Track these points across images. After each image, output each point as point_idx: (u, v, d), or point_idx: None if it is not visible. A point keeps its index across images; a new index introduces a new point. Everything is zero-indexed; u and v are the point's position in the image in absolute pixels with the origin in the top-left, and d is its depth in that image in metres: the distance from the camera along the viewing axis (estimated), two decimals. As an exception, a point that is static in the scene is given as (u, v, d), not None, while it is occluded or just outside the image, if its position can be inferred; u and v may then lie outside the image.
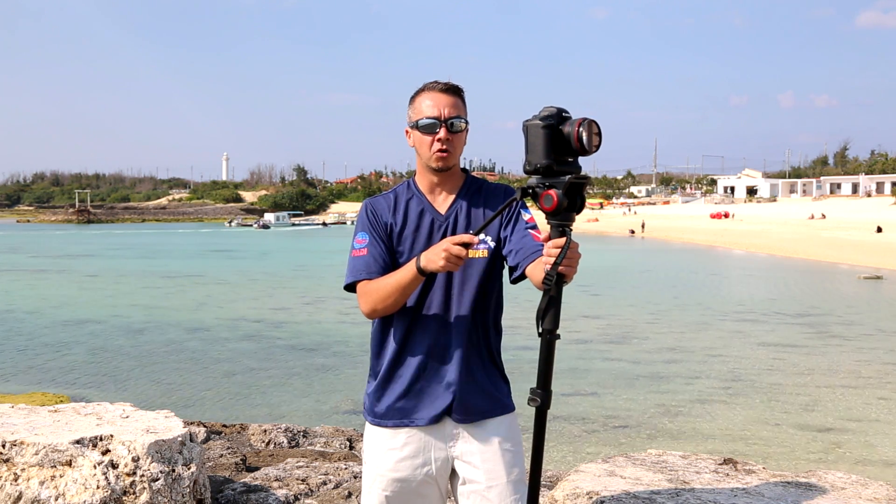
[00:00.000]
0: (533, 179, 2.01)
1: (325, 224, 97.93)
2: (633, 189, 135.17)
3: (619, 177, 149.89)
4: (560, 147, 1.96)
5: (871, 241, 42.34)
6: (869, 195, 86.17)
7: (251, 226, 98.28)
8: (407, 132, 2.34)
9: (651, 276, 30.86)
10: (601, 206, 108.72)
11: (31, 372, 13.35)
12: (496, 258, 2.32)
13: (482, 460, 2.28)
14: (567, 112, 1.99)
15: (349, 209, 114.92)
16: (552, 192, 1.96)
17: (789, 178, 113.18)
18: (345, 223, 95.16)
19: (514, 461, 2.30)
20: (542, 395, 2.06)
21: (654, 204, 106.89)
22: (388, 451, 2.31)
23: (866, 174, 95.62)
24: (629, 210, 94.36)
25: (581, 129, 1.92)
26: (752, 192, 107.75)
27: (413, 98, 2.32)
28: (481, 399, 2.30)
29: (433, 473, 2.30)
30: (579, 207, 2.01)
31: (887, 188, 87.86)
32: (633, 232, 64.64)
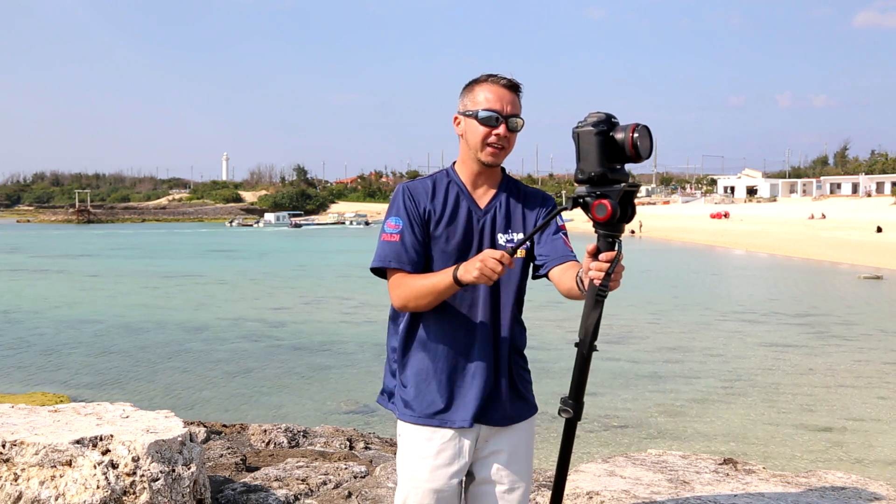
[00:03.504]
0: (582, 188, 1.95)
1: (367, 223, 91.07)
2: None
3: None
4: (613, 154, 1.92)
5: (871, 241, 42.32)
6: (869, 195, 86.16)
7: (251, 225, 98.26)
8: (457, 119, 2.27)
9: (651, 276, 30.85)
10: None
11: (31, 372, 13.35)
12: (530, 258, 2.31)
13: (508, 461, 2.25)
14: (615, 117, 1.95)
15: (349, 209, 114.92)
16: (606, 201, 1.90)
17: (789, 178, 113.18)
18: (343, 223, 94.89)
19: (531, 464, 2.32)
20: (575, 407, 2.05)
21: (654, 204, 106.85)
22: (422, 460, 2.23)
23: (866, 174, 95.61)
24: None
25: (636, 134, 1.88)
26: (752, 192, 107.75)
27: (471, 86, 2.25)
28: (516, 401, 2.28)
29: (463, 479, 2.27)
30: (630, 217, 1.96)
31: (887, 188, 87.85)
32: (633, 232, 64.65)
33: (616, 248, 1.93)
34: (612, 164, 1.92)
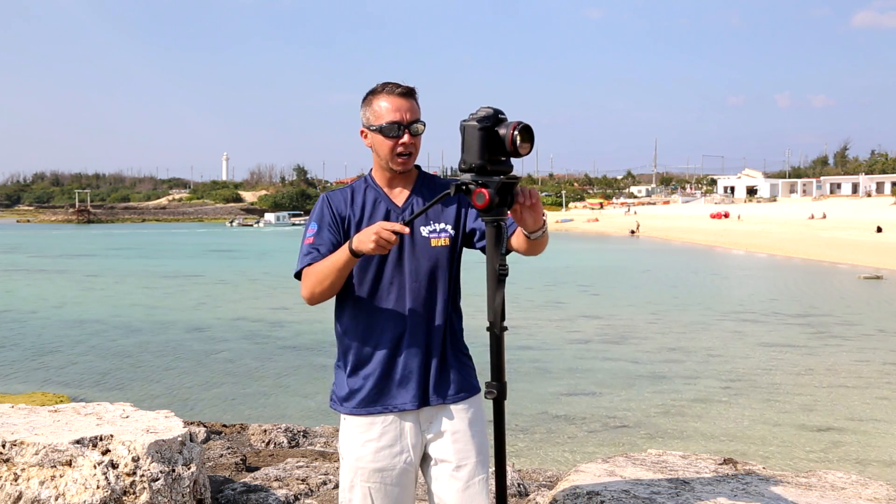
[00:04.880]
0: (467, 176, 2.10)
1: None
2: (634, 189, 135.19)
3: (619, 177, 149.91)
4: (494, 147, 2.06)
5: (871, 241, 42.30)
6: (869, 195, 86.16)
7: (251, 225, 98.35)
8: (363, 132, 2.38)
9: (651, 276, 30.85)
10: (601, 206, 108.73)
11: (31, 372, 13.35)
12: (456, 245, 2.39)
13: (453, 440, 2.35)
14: (503, 114, 2.09)
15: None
16: (484, 190, 2.05)
17: (789, 178, 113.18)
18: None
19: (482, 441, 2.40)
20: (498, 387, 2.14)
21: (654, 204, 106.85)
22: (365, 443, 2.35)
23: (866, 174, 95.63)
24: (629, 210, 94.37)
25: (516, 132, 2.03)
26: (752, 192, 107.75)
27: (369, 99, 2.35)
28: (451, 382, 2.37)
29: (412, 460, 2.36)
30: (510, 203, 2.11)
31: (887, 188, 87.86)
32: (633, 232, 64.69)
33: (503, 229, 2.10)
34: (494, 157, 2.07)
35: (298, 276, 2.37)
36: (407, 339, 2.33)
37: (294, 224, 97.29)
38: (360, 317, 2.37)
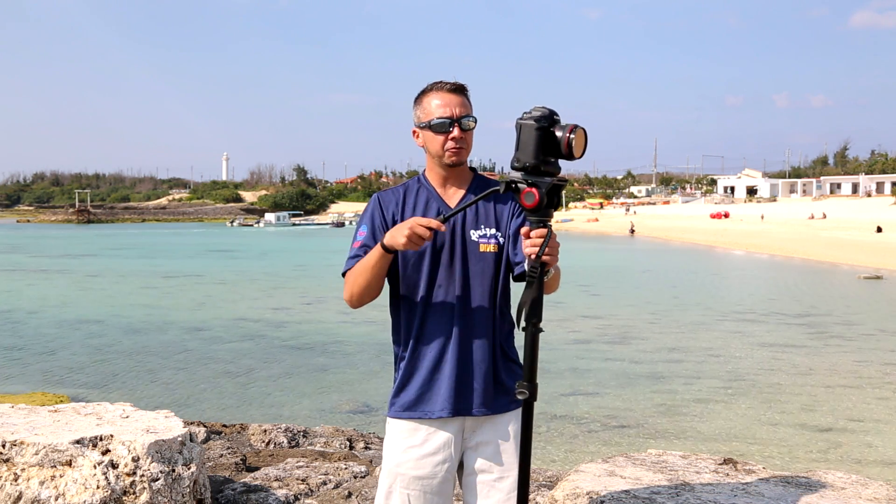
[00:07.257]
0: (517, 175, 2.08)
1: None
2: (634, 189, 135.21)
3: (619, 177, 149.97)
4: (549, 148, 2.04)
5: (871, 241, 42.30)
6: (869, 195, 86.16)
7: (251, 225, 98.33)
8: (415, 132, 2.37)
9: (651, 276, 30.85)
10: (601, 206, 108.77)
11: (31, 372, 13.34)
12: (503, 252, 2.35)
13: (497, 451, 2.33)
14: (558, 115, 2.07)
15: (349, 209, 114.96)
16: (534, 190, 2.04)
17: (789, 178, 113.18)
18: (343, 224, 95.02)
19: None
20: (529, 388, 2.12)
21: (654, 204, 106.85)
22: (408, 449, 2.33)
23: (866, 174, 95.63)
24: (629, 210, 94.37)
25: (572, 135, 2.01)
26: (752, 192, 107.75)
27: (420, 98, 2.35)
28: (499, 392, 2.34)
29: (453, 469, 2.34)
30: (557, 205, 2.10)
31: (887, 188, 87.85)
32: (633, 232, 64.74)
33: (550, 229, 2.07)
34: (547, 158, 2.05)
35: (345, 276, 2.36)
36: (453, 347, 2.30)
37: (294, 224, 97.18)
38: (411, 321, 2.34)
